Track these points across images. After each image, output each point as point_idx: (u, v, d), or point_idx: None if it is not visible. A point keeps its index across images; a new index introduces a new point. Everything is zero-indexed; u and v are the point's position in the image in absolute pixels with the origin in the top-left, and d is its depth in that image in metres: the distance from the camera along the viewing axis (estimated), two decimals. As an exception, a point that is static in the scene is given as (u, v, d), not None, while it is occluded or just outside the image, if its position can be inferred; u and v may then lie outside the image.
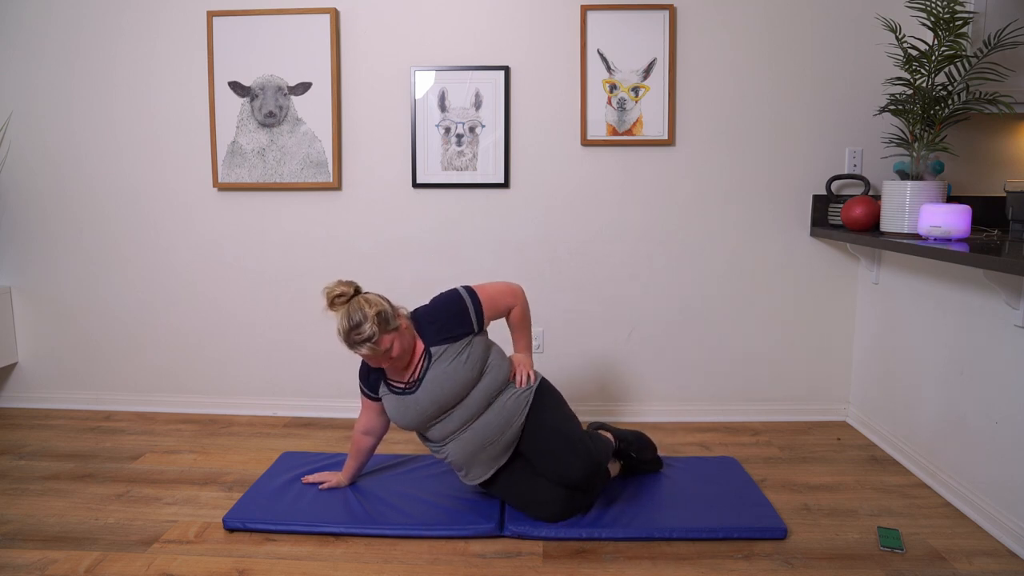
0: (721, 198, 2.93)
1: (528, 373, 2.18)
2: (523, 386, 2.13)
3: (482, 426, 2.05)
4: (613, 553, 1.94)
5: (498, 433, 2.06)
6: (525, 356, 2.25)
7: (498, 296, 2.16)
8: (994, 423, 2.04)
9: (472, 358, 2.05)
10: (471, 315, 2.09)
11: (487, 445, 2.06)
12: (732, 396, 3.04)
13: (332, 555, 1.93)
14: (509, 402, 2.08)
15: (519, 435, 2.10)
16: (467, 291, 2.12)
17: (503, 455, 2.10)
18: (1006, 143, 2.83)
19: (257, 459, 2.61)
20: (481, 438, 2.05)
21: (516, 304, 2.20)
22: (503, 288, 2.18)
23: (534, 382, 2.17)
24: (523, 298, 2.23)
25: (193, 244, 3.08)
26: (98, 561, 1.89)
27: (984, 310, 2.09)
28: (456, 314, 2.08)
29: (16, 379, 3.24)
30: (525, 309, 2.23)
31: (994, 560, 1.89)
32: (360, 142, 2.98)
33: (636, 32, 2.83)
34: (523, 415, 2.09)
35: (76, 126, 3.05)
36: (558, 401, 2.17)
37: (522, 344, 2.27)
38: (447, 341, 2.06)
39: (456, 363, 2.03)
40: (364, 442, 2.25)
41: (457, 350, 2.04)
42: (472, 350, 2.06)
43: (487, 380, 2.07)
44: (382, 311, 1.94)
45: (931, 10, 2.33)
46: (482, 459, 2.08)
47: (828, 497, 2.27)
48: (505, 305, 2.18)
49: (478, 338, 2.10)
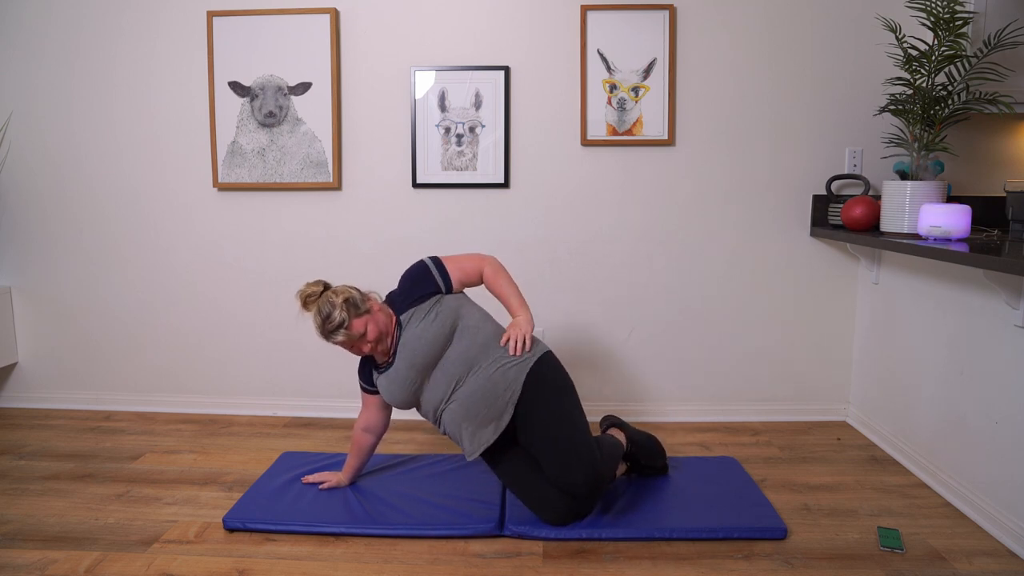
0: (721, 198, 2.93)
1: (522, 338, 2.06)
2: (516, 354, 2.05)
3: (465, 396, 2.01)
4: (613, 553, 1.94)
5: (482, 405, 2.00)
6: (523, 318, 2.11)
7: (463, 258, 2.17)
8: (994, 423, 2.04)
9: (440, 315, 2.04)
10: (435, 276, 2.11)
11: (473, 416, 2.01)
12: (732, 396, 3.04)
13: (332, 555, 1.93)
14: (496, 373, 2.01)
15: (506, 411, 2.01)
16: (431, 258, 2.16)
17: (488, 427, 2.02)
18: (1006, 143, 2.83)
19: (257, 459, 2.61)
20: (466, 408, 2.01)
21: (484, 264, 2.17)
22: (471, 253, 2.20)
23: (531, 352, 2.08)
24: (493, 260, 2.19)
25: (193, 244, 3.08)
26: (98, 561, 1.89)
27: (984, 310, 2.09)
28: (420, 279, 2.11)
29: (16, 379, 3.24)
30: (498, 268, 2.17)
31: (994, 560, 1.89)
32: (360, 142, 2.98)
33: (636, 32, 2.83)
34: (511, 391, 2.00)
35: (76, 126, 3.05)
36: (561, 392, 2.05)
37: (514, 303, 2.14)
38: (413, 303, 2.08)
39: (424, 322, 2.03)
40: (364, 440, 2.25)
41: (424, 311, 2.06)
42: (441, 308, 2.06)
43: (465, 341, 2.03)
44: (349, 297, 2.01)
45: (931, 10, 2.33)
46: (470, 430, 2.03)
47: (828, 497, 2.27)
48: (472, 266, 2.16)
49: (448, 297, 2.10)
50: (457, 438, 2.09)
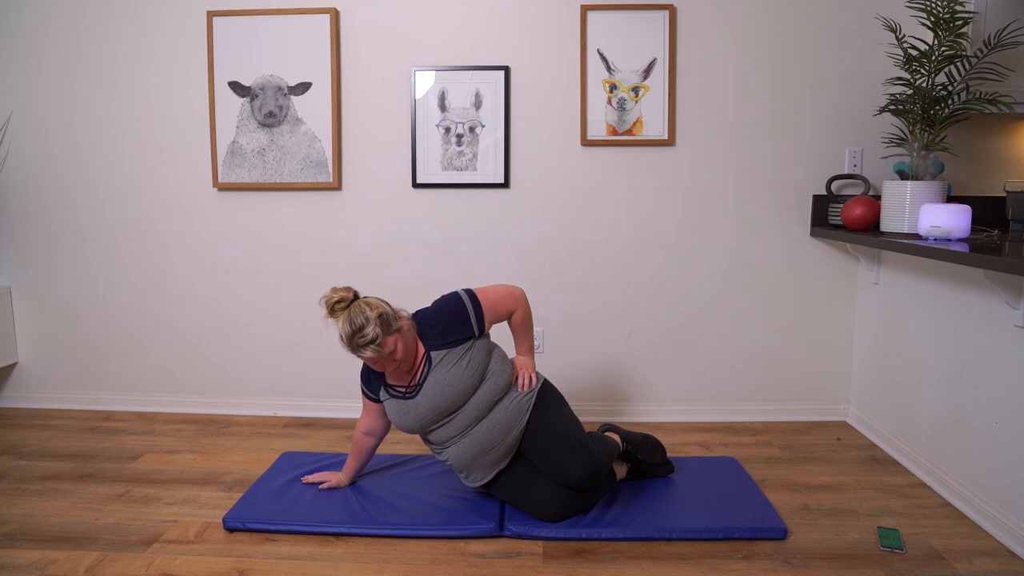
0: (721, 198, 2.93)
1: (530, 376, 2.16)
2: (525, 390, 2.12)
3: (483, 431, 2.04)
4: (613, 553, 1.94)
5: (499, 438, 2.05)
6: (527, 358, 2.24)
7: (499, 300, 2.14)
8: (994, 423, 2.04)
9: (473, 364, 2.03)
10: (471, 319, 2.07)
11: (488, 450, 2.06)
12: (732, 396, 3.04)
13: (332, 555, 1.93)
14: (511, 407, 2.07)
15: (520, 439, 2.09)
16: (468, 295, 2.10)
17: (504, 459, 2.09)
18: (1006, 143, 2.83)
19: (257, 459, 2.61)
20: (481, 443, 2.05)
21: (517, 308, 2.19)
22: (504, 292, 2.16)
23: (536, 385, 2.16)
24: (525, 301, 2.21)
25: (193, 244, 3.08)
26: (98, 561, 1.89)
27: (984, 310, 2.09)
28: (457, 318, 2.06)
29: (16, 379, 3.24)
30: (527, 312, 2.22)
31: (994, 560, 1.89)
32: (360, 142, 2.98)
33: (636, 32, 2.83)
34: (524, 419, 2.08)
35: (76, 126, 3.05)
36: (559, 402, 2.17)
37: (524, 347, 2.26)
38: (447, 346, 2.04)
39: (456, 369, 2.01)
40: (365, 443, 2.25)
41: (458, 355, 2.03)
42: (473, 355, 2.04)
43: (488, 385, 2.05)
44: (383, 313, 1.94)
45: (931, 10, 2.33)
46: (483, 463, 2.08)
47: (828, 497, 2.27)
48: (506, 309, 2.16)
49: (479, 342, 2.08)
50: (461, 469, 2.12)
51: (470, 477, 2.13)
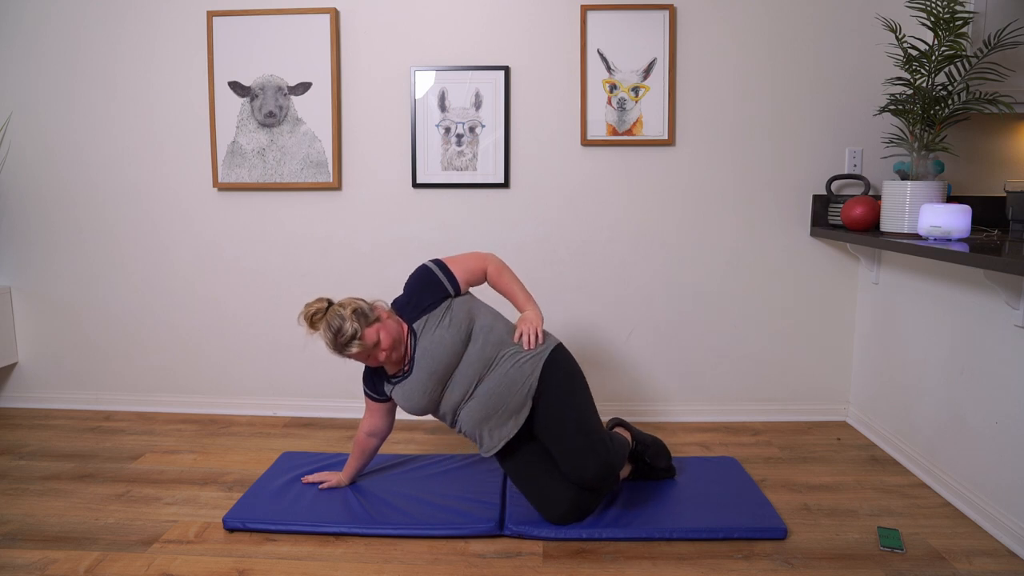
0: (721, 198, 2.93)
1: (534, 332, 2.09)
2: (530, 348, 2.07)
3: (485, 393, 2.02)
4: (613, 553, 1.94)
5: (501, 401, 2.02)
6: (532, 312, 2.15)
7: (465, 258, 2.17)
8: (994, 423, 2.04)
9: (456, 320, 2.04)
10: (442, 280, 2.10)
11: (492, 413, 2.03)
12: (732, 396, 3.04)
13: (332, 555, 1.93)
14: (512, 369, 2.03)
15: (526, 404, 2.04)
16: (434, 261, 2.15)
17: (508, 422, 2.05)
18: (1006, 143, 2.83)
19: (257, 459, 2.61)
20: (485, 405, 2.03)
21: (487, 262, 2.18)
22: (470, 253, 2.20)
23: (543, 344, 2.09)
24: (495, 258, 2.20)
25: (193, 244, 3.08)
26: (98, 561, 1.90)
27: (984, 310, 2.09)
28: (427, 284, 2.09)
29: (16, 379, 3.24)
30: (500, 265, 2.20)
31: (994, 560, 1.89)
32: (360, 142, 2.98)
33: (636, 32, 2.83)
34: (529, 384, 2.03)
35: (76, 126, 3.05)
36: (575, 384, 2.07)
37: (520, 298, 2.18)
38: (425, 312, 2.06)
39: (440, 329, 2.02)
40: (368, 443, 2.25)
41: (438, 316, 2.04)
42: (453, 312, 2.05)
43: (480, 341, 2.04)
44: (357, 308, 1.98)
45: (931, 10, 2.33)
46: (490, 427, 2.05)
47: (828, 497, 2.27)
48: (476, 265, 2.16)
49: (458, 300, 2.09)
50: (475, 436, 2.09)
51: (483, 445, 2.09)
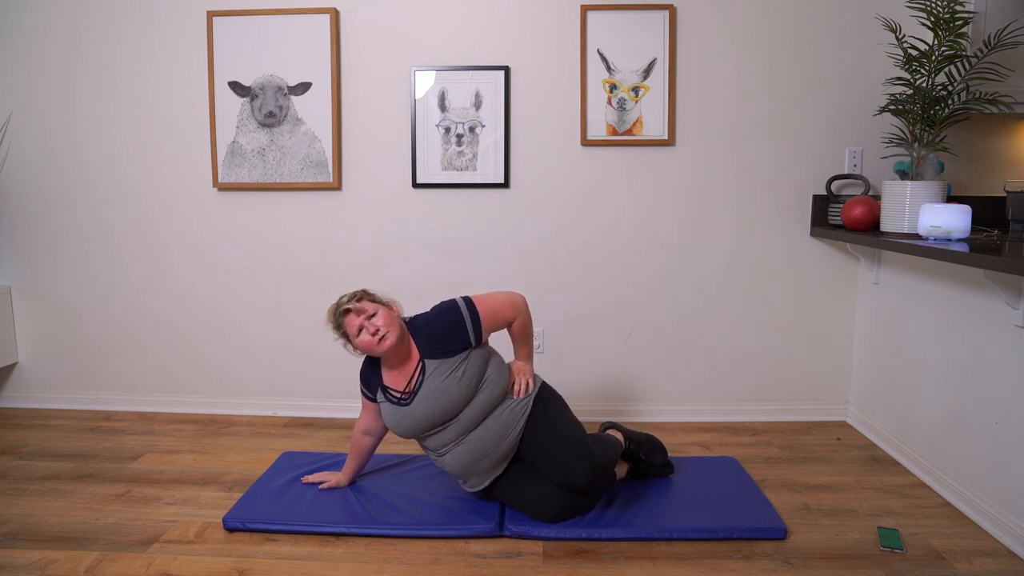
0: (721, 198, 2.93)
1: (527, 382, 2.13)
2: (520, 396, 2.10)
3: (478, 439, 2.03)
4: (613, 553, 1.94)
5: (494, 444, 2.04)
6: (525, 364, 2.21)
7: (498, 309, 2.10)
8: (994, 423, 2.04)
9: (468, 374, 2.01)
10: (468, 330, 2.04)
11: (482, 457, 2.05)
12: (732, 396, 3.04)
13: (332, 555, 1.93)
14: (505, 414, 2.06)
15: (516, 444, 2.07)
16: (466, 303, 2.07)
17: (500, 465, 2.09)
18: (1006, 143, 2.83)
19: (257, 459, 2.61)
20: (476, 450, 2.04)
21: (517, 316, 2.15)
22: (504, 300, 2.12)
23: (533, 389, 2.13)
24: (525, 309, 2.17)
25: (193, 244, 3.08)
26: (98, 561, 1.90)
27: (984, 310, 2.09)
28: (453, 327, 2.04)
29: (16, 379, 3.24)
30: (527, 320, 2.18)
31: (994, 560, 1.89)
32: (360, 142, 2.98)
33: (636, 32, 2.83)
34: (519, 425, 2.06)
35: (76, 126, 3.05)
36: (559, 405, 2.15)
37: (523, 354, 2.23)
38: (443, 355, 2.02)
39: (451, 379, 2.00)
40: (364, 442, 2.25)
41: (453, 365, 2.01)
42: (468, 366, 2.02)
43: (484, 395, 2.03)
44: (367, 290, 2.09)
45: (931, 10, 2.33)
46: (479, 469, 2.07)
47: (828, 497, 2.27)
48: (505, 318, 2.12)
49: (475, 352, 2.05)
50: (458, 475, 2.11)
51: (468, 482, 2.12)
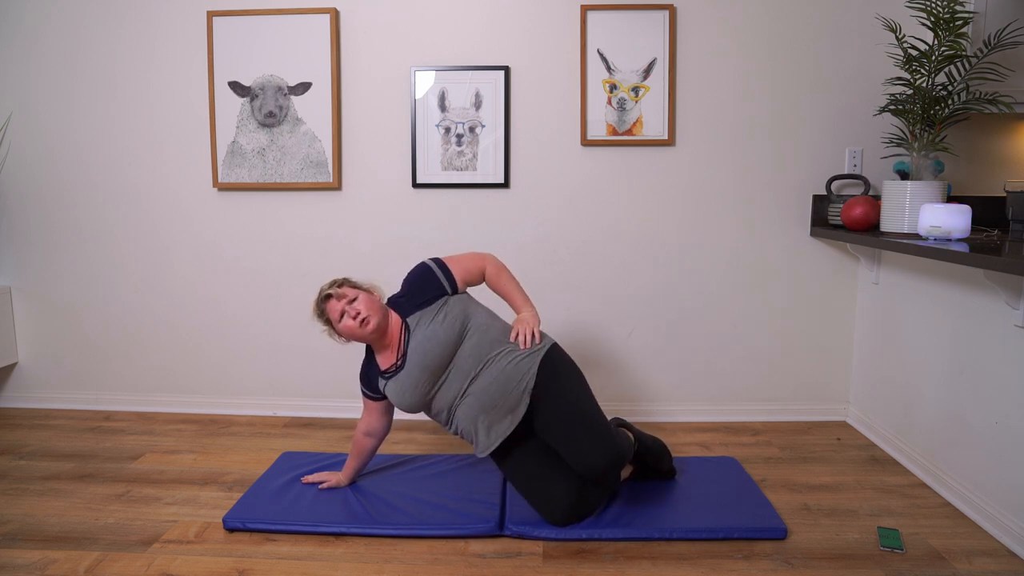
0: (721, 198, 2.93)
1: (530, 332, 2.09)
2: (525, 347, 2.07)
3: (479, 390, 2.02)
4: (613, 553, 1.94)
5: (498, 397, 2.01)
6: (528, 314, 2.17)
7: (464, 258, 2.21)
8: (994, 423, 2.04)
9: (450, 316, 2.06)
10: (439, 276, 2.13)
11: (489, 408, 2.02)
12: (732, 396, 3.04)
13: (332, 555, 1.93)
14: (508, 367, 2.03)
15: (522, 402, 2.02)
16: (433, 260, 2.20)
17: (505, 419, 2.03)
18: (1006, 143, 2.83)
19: (257, 459, 2.61)
20: (481, 401, 2.02)
21: (485, 262, 2.21)
22: (470, 252, 2.24)
23: (541, 344, 2.09)
24: (493, 258, 2.24)
25: (193, 244, 3.08)
26: (98, 561, 1.90)
27: (984, 310, 2.09)
28: (424, 280, 2.13)
29: (16, 379, 3.24)
30: (499, 266, 2.23)
31: (994, 560, 1.89)
32: (360, 142, 2.98)
33: (636, 32, 2.83)
34: (526, 381, 2.02)
35: (76, 126, 3.05)
36: (574, 379, 2.06)
37: (518, 299, 2.20)
38: (421, 307, 2.09)
39: (434, 324, 2.04)
40: (365, 443, 2.25)
41: (433, 312, 2.07)
42: (448, 308, 2.08)
43: (474, 339, 2.04)
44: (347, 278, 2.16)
45: (931, 10, 2.33)
46: (486, 423, 2.04)
47: (828, 497, 2.27)
48: (474, 265, 2.19)
49: (454, 298, 2.12)
50: (470, 434, 2.08)
51: (478, 445, 2.07)
